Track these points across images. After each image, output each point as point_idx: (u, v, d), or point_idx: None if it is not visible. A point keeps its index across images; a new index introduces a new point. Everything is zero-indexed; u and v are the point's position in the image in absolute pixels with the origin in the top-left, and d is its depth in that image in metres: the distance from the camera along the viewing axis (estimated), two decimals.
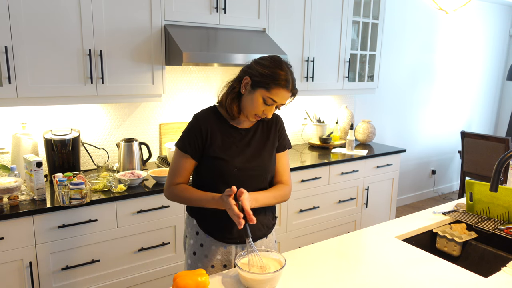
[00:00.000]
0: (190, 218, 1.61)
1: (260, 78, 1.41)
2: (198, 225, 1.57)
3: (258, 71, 1.42)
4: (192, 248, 1.59)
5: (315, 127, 3.59)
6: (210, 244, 1.55)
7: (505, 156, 1.54)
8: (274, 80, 1.40)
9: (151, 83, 2.46)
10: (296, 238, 3.03)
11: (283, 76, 1.40)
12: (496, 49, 5.47)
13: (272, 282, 1.33)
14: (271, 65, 1.42)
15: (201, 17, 2.56)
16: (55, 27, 2.12)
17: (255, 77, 1.42)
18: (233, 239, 1.55)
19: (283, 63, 1.44)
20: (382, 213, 3.59)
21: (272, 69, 1.41)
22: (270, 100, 1.42)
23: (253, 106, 1.44)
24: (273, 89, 1.40)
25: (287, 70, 1.43)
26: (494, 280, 1.41)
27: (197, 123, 1.50)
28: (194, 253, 1.58)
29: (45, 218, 2.01)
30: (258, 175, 1.53)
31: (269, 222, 1.63)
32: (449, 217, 1.97)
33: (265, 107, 1.44)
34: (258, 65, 1.43)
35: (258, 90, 1.42)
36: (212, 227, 1.55)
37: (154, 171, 2.45)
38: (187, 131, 1.52)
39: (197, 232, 1.57)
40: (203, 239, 1.56)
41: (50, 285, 2.08)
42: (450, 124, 5.18)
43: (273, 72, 1.40)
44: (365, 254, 1.60)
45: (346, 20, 3.29)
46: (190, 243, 1.60)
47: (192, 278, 1.23)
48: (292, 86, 1.43)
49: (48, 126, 2.49)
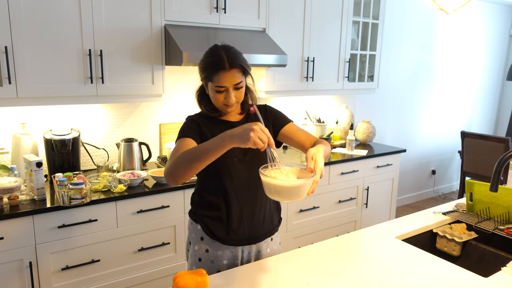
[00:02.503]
0: (194, 223, 1.58)
1: (203, 74, 1.44)
2: (203, 230, 1.54)
3: (199, 68, 1.46)
4: (196, 254, 1.55)
5: (315, 127, 3.59)
6: (216, 249, 1.53)
7: (505, 156, 1.54)
8: (209, 68, 1.40)
9: (151, 83, 2.46)
10: (296, 238, 3.03)
11: (215, 60, 1.39)
12: (496, 49, 5.47)
13: (304, 190, 1.22)
14: (204, 57, 1.44)
15: (201, 17, 2.56)
16: (55, 27, 2.12)
17: (201, 74, 1.46)
18: (240, 241, 1.53)
19: (213, 48, 1.43)
20: (382, 213, 3.59)
21: (204, 60, 1.43)
22: (219, 88, 1.41)
23: (213, 99, 1.46)
24: (214, 77, 1.40)
25: (219, 52, 1.41)
26: (494, 280, 1.41)
27: (191, 120, 1.52)
28: (199, 259, 1.54)
29: (45, 218, 2.01)
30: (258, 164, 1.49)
31: (275, 219, 1.63)
32: (449, 217, 1.97)
33: (221, 96, 1.43)
34: (200, 62, 1.46)
35: (208, 84, 1.45)
36: (218, 230, 1.52)
37: (154, 171, 2.45)
38: (184, 127, 1.51)
39: (201, 237, 1.54)
40: (208, 244, 1.53)
41: (50, 285, 2.08)
42: (450, 124, 5.18)
43: (206, 62, 1.42)
44: (365, 254, 1.60)
45: (346, 20, 3.29)
46: (194, 250, 1.56)
47: (192, 278, 1.23)
48: (230, 63, 1.38)
49: (48, 126, 2.49)
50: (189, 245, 1.60)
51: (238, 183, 1.49)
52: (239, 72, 1.41)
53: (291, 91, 3.10)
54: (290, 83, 3.07)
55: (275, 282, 1.38)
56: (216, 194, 1.51)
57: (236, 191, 1.50)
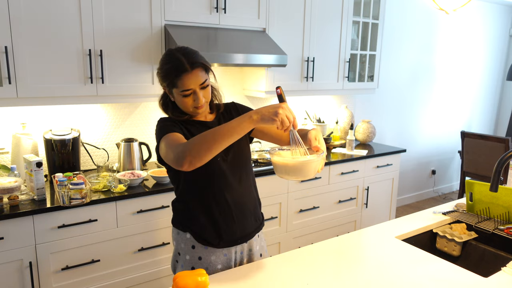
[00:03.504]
0: (181, 233, 1.50)
1: (165, 82, 1.41)
2: (194, 238, 1.47)
3: (160, 77, 1.42)
4: (189, 263, 1.49)
5: (315, 127, 3.59)
6: (210, 255, 1.48)
7: (505, 156, 1.54)
8: (171, 74, 1.37)
9: (151, 83, 2.46)
10: (296, 238, 3.03)
11: (175, 65, 1.36)
12: (496, 49, 5.47)
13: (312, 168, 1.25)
14: (161, 65, 1.40)
15: (201, 17, 2.56)
16: (55, 27, 2.12)
17: (162, 83, 1.43)
18: (233, 241, 1.50)
19: (168, 54, 1.40)
20: (382, 213, 3.59)
21: (163, 68, 1.40)
22: (185, 92, 1.38)
23: (182, 105, 1.42)
24: (177, 82, 1.37)
25: (176, 55, 1.38)
26: (494, 280, 1.41)
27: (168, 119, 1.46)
28: (192, 268, 1.49)
29: (45, 218, 2.01)
30: (239, 162, 1.51)
31: (259, 214, 1.62)
32: (449, 217, 1.97)
33: (190, 99, 1.40)
34: (159, 71, 1.42)
35: (173, 91, 1.41)
36: (210, 235, 1.47)
37: (154, 171, 2.45)
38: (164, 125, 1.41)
39: (193, 246, 1.48)
40: (200, 251, 1.48)
41: (50, 285, 2.08)
42: (450, 124, 5.18)
43: (165, 69, 1.39)
44: (365, 254, 1.60)
45: (346, 20, 3.29)
46: (185, 259, 1.49)
47: (192, 278, 1.23)
48: (190, 63, 1.36)
49: (48, 126, 2.49)
50: (178, 256, 1.52)
51: (225, 182, 1.47)
52: (201, 71, 1.39)
53: (291, 91, 3.10)
54: (290, 83, 3.07)
55: (275, 282, 1.38)
56: (203, 197, 1.47)
57: (224, 191, 1.47)
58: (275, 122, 1.16)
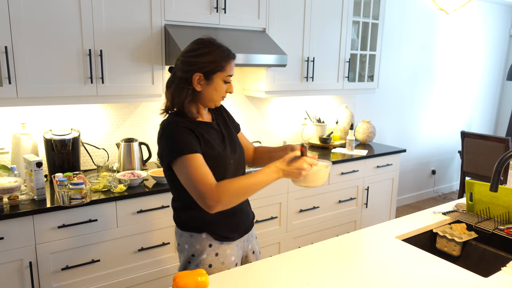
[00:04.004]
0: (195, 235, 1.51)
1: (211, 66, 1.43)
2: (212, 236, 1.51)
3: (203, 62, 1.42)
4: (205, 262, 1.51)
5: (315, 127, 3.59)
6: (225, 249, 1.54)
7: (505, 156, 1.54)
8: (223, 58, 1.45)
9: (151, 83, 2.46)
10: (296, 238, 3.03)
11: (225, 50, 1.46)
12: (496, 49, 5.47)
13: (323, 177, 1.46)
14: (210, 49, 1.44)
15: (201, 17, 2.56)
16: (55, 27, 2.12)
17: (204, 68, 1.43)
18: (242, 231, 1.61)
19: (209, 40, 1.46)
20: (382, 213, 3.59)
21: (213, 52, 1.44)
22: (229, 77, 1.48)
23: (217, 92, 1.48)
24: (226, 66, 1.45)
25: (217, 42, 1.47)
26: (494, 280, 1.41)
27: (179, 126, 1.42)
28: (210, 265, 1.51)
29: (45, 218, 2.01)
30: (242, 161, 1.64)
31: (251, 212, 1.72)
32: (449, 217, 1.97)
33: (228, 86, 1.51)
34: (199, 57, 1.43)
35: (215, 76, 1.45)
36: (227, 230, 1.53)
37: (154, 171, 2.45)
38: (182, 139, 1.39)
39: (210, 244, 1.51)
40: (217, 248, 1.52)
41: (50, 285, 2.08)
42: (450, 124, 5.18)
43: (218, 53, 1.44)
44: (365, 254, 1.60)
45: (346, 20, 3.29)
46: (201, 260, 1.51)
47: (192, 278, 1.23)
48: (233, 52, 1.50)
49: (48, 126, 2.49)
50: (192, 258, 1.53)
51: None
52: None
53: (291, 91, 3.10)
54: (290, 83, 3.07)
55: (275, 282, 1.38)
56: None
57: None
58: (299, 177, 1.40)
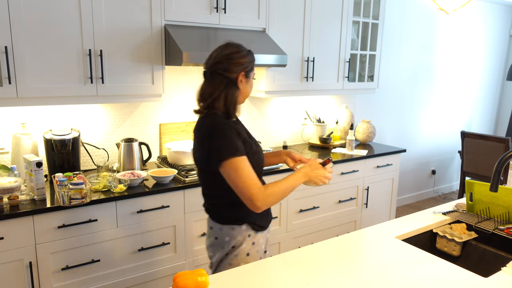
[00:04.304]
0: (237, 227, 1.60)
1: (250, 66, 1.61)
2: (251, 227, 1.62)
3: (246, 62, 1.58)
4: (244, 251, 1.62)
5: (315, 127, 3.59)
6: (259, 238, 1.66)
7: (505, 156, 1.54)
8: (254, 58, 1.64)
9: (151, 83, 2.46)
10: (296, 238, 3.03)
11: (251, 52, 1.64)
12: (496, 49, 5.47)
13: None
14: (244, 51, 1.60)
15: (201, 17, 2.56)
16: (55, 27, 2.12)
17: (247, 68, 1.59)
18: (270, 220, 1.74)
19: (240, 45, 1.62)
20: (382, 213, 3.59)
21: (249, 53, 1.62)
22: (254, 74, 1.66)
23: (249, 89, 1.65)
24: (253, 66, 1.65)
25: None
26: (494, 280, 1.41)
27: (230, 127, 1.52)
28: (248, 254, 1.62)
29: (45, 218, 2.01)
30: None
31: None
32: (449, 217, 1.97)
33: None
34: (242, 58, 1.58)
35: (250, 75, 1.62)
36: (263, 219, 1.67)
37: (154, 171, 2.45)
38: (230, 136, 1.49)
39: (249, 234, 1.62)
40: (254, 237, 1.64)
41: (50, 285, 2.08)
42: (450, 124, 5.18)
43: (250, 54, 1.62)
44: (365, 254, 1.60)
45: (346, 20, 3.29)
46: (240, 250, 1.61)
47: (192, 278, 1.23)
48: None
49: (48, 126, 2.49)
50: (232, 249, 1.61)
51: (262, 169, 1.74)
52: None
53: (291, 91, 3.10)
54: (290, 83, 3.07)
55: (275, 282, 1.38)
56: None
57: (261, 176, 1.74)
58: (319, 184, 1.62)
